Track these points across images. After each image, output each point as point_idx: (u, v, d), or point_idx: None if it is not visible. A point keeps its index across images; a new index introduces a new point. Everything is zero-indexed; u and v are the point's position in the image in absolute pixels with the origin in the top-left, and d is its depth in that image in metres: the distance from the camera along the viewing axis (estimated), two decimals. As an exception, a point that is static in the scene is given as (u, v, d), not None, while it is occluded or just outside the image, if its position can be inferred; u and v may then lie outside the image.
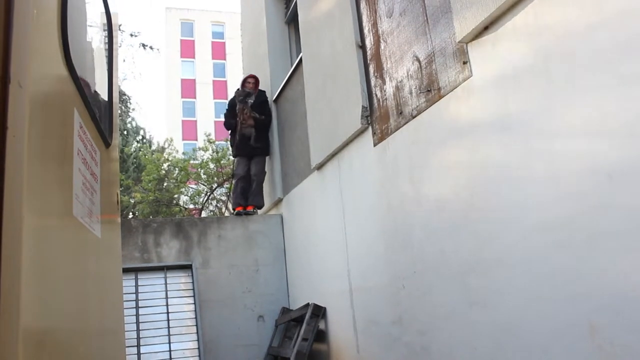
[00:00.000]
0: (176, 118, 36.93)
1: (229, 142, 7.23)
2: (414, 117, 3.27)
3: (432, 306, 3.10)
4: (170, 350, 5.31)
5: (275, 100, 6.80)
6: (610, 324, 1.90)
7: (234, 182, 6.69)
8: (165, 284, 5.72)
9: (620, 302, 1.86)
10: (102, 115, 1.91)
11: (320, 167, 4.98)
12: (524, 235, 2.33)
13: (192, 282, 5.74)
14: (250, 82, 6.85)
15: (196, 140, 33.16)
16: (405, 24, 3.39)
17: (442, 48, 2.98)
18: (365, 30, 4.01)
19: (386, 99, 3.66)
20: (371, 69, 3.91)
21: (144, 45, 15.53)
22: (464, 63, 2.75)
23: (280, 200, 6.52)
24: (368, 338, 4.00)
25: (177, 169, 14.11)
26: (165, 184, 14.22)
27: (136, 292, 5.58)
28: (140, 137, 23.37)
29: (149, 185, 13.57)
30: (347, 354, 4.36)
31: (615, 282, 1.89)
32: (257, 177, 6.65)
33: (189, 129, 36.49)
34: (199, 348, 5.35)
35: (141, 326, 5.40)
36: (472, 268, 2.71)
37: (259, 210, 6.89)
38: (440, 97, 2.98)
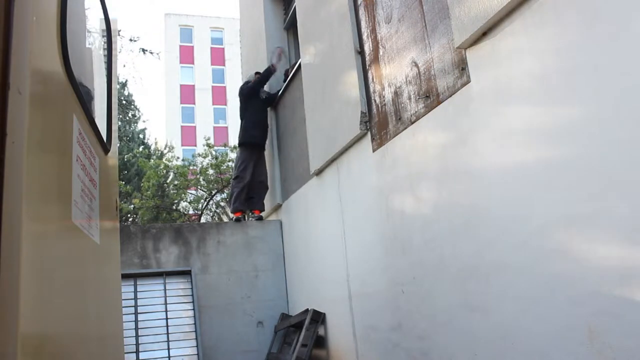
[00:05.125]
0: (175, 123, 36.96)
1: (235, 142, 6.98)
2: (412, 123, 3.28)
3: (431, 312, 3.10)
4: (169, 357, 5.29)
5: (274, 107, 6.81)
6: (610, 328, 1.90)
7: (238, 185, 6.49)
8: (165, 289, 5.70)
9: (619, 306, 1.86)
10: (101, 121, 1.91)
11: (319, 172, 4.98)
12: (524, 240, 2.33)
13: (191, 288, 5.73)
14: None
15: (195, 146, 33.21)
16: (403, 30, 3.40)
17: (440, 54, 2.99)
18: (364, 36, 4.02)
19: (385, 104, 3.66)
20: (370, 74, 3.92)
21: (143, 50, 15.52)
22: (462, 69, 2.76)
23: (279, 206, 6.52)
24: (367, 344, 3.99)
25: (176, 174, 14.09)
26: (165, 191, 14.20)
27: (135, 298, 5.56)
28: (142, 144, 23.44)
29: (148, 192, 13.55)
30: (346, 359, 4.35)
31: (614, 287, 1.89)
32: (266, 182, 6.66)
33: (188, 135, 36.52)
34: (198, 354, 5.34)
35: (140, 332, 5.39)
36: (472, 273, 2.71)
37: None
38: (439, 103, 2.99)
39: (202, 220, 14.86)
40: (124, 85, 23.42)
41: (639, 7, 1.79)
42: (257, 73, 6.95)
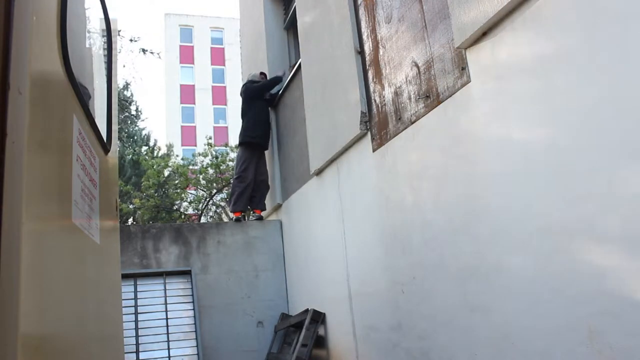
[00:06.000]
0: (175, 123, 36.97)
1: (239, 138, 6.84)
2: (412, 123, 3.28)
3: (431, 311, 3.10)
4: (169, 357, 5.29)
5: (274, 106, 6.81)
6: (610, 328, 1.90)
7: (240, 185, 6.44)
8: (165, 289, 5.70)
9: (619, 306, 1.86)
10: (101, 121, 1.91)
11: (319, 172, 4.98)
12: (524, 240, 2.33)
13: (191, 288, 5.73)
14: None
15: (195, 145, 33.21)
16: (403, 30, 3.40)
17: (440, 54, 2.99)
18: (364, 36, 4.02)
19: (385, 104, 3.66)
20: (370, 74, 3.92)
21: (144, 50, 15.49)
22: (463, 69, 2.76)
23: (279, 206, 6.52)
24: (367, 344, 3.99)
25: (176, 174, 14.09)
26: (165, 191, 14.19)
27: (135, 298, 5.56)
28: (147, 144, 23.44)
29: (149, 190, 13.55)
30: (346, 359, 4.35)
31: (614, 286, 1.89)
32: (267, 181, 6.65)
33: (188, 135, 36.53)
34: (198, 354, 5.34)
35: (140, 332, 5.39)
36: (472, 273, 2.71)
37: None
38: (439, 103, 2.99)
39: (202, 220, 14.86)
40: (126, 86, 23.42)
41: (639, 7, 1.79)
42: (262, 73, 6.93)
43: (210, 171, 13.77)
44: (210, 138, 15.38)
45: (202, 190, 14.34)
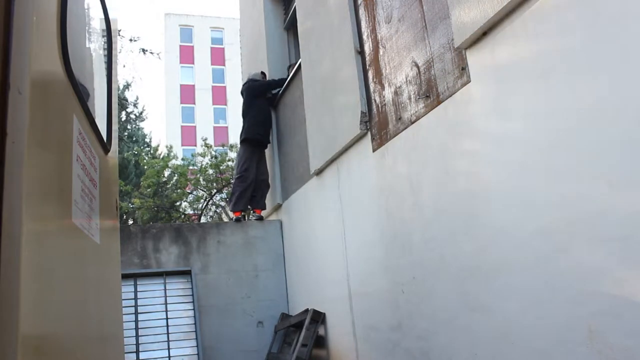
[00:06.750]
0: (175, 123, 36.99)
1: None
2: (412, 123, 3.28)
3: (431, 311, 3.10)
4: (169, 357, 5.29)
5: (274, 106, 6.81)
6: (610, 328, 1.90)
7: (241, 184, 6.43)
8: (165, 289, 5.70)
9: (619, 306, 1.86)
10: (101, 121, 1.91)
11: (319, 172, 4.98)
12: (524, 240, 2.33)
13: (191, 288, 5.73)
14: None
15: (195, 145, 33.22)
16: (404, 30, 3.40)
17: (440, 54, 2.99)
18: (364, 36, 4.02)
19: (385, 104, 3.66)
20: (370, 74, 3.92)
21: (144, 50, 15.46)
22: (463, 69, 2.76)
23: (279, 206, 6.52)
24: (367, 344, 3.99)
25: (176, 174, 14.09)
26: (165, 191, 14.18)
27: (135, 298, 5.56)
28: (146, 145, 23.42)
29: (148, 190, 13.54)
30: (346, 359, 4.35)
31: (614, 287, 1.89)
32: (268, 180, 6.65)
33: (188, 135, 36.54)
34: (198, 354, 5.34)
35: (140, 332, 5.39)
36: (472, 273, 2.71)
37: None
38: (439, 103, 2.99)
39: (202, 220, 14.85)
40: (127, 86, 23.43)
41: (639, 7, 1.79)
42: (262, 73, 6.93)
43: (210, 171, 13.76)
44: (206, 139, 15.39)
45: (202, 190, 14.33)
